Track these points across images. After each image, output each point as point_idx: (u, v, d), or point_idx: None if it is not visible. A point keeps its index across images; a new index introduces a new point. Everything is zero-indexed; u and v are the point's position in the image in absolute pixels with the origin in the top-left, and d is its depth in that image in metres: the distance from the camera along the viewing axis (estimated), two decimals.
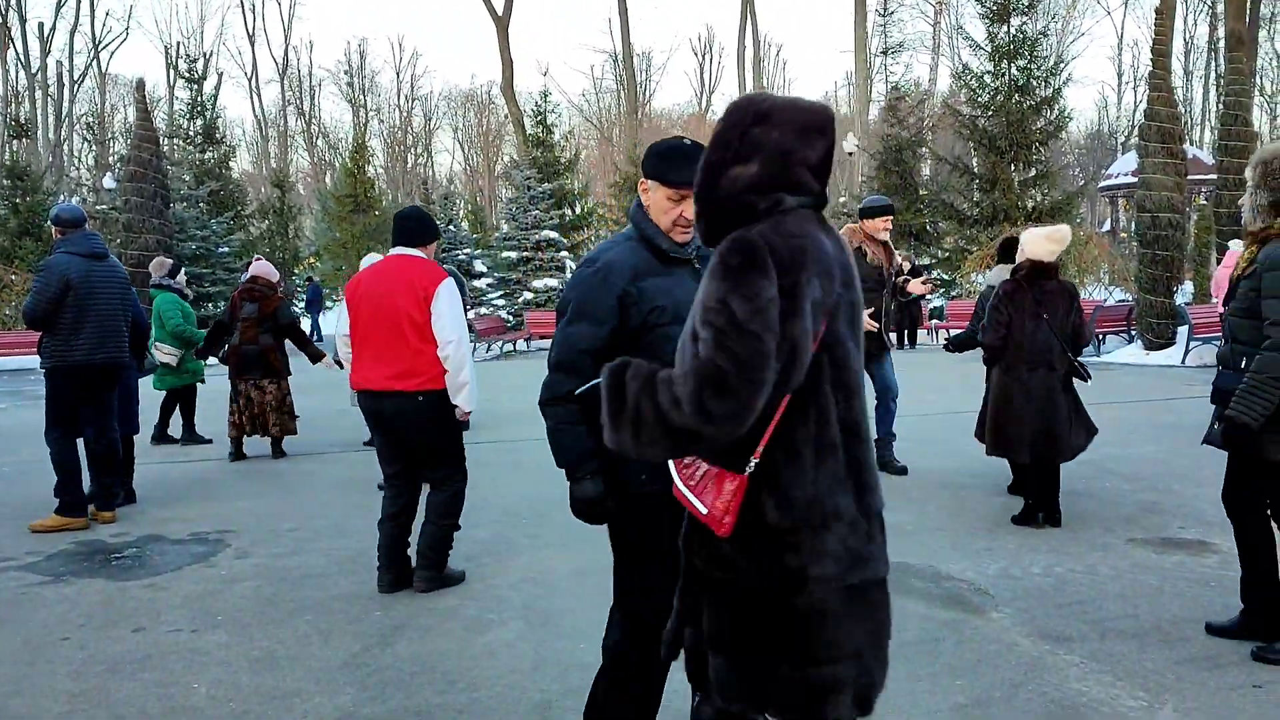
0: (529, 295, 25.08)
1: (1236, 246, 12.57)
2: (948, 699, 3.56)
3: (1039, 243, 5.87)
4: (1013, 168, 23.94)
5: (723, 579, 2.01)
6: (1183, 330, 16.36)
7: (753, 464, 1.97)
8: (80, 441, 6.48)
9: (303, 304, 28.65)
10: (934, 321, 21.71)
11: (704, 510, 1.99)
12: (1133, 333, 17.92)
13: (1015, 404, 5.87)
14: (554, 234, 26.14)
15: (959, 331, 8.51)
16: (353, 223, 35.48)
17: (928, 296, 23.95)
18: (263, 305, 8.81)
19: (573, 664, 3.90)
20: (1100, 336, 17.69)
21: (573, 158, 33.80)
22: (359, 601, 4.81)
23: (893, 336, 8.49)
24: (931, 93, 43.09)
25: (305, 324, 28.60)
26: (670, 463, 2.08)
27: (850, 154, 33.74)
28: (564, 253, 26.29)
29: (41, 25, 54.61)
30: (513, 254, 25.84)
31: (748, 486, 1.97)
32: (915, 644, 4.05)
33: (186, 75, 32.23)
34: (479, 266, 26.99)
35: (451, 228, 30.06)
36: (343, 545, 5.85)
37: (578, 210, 33.36)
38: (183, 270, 9.68)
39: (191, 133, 31.45)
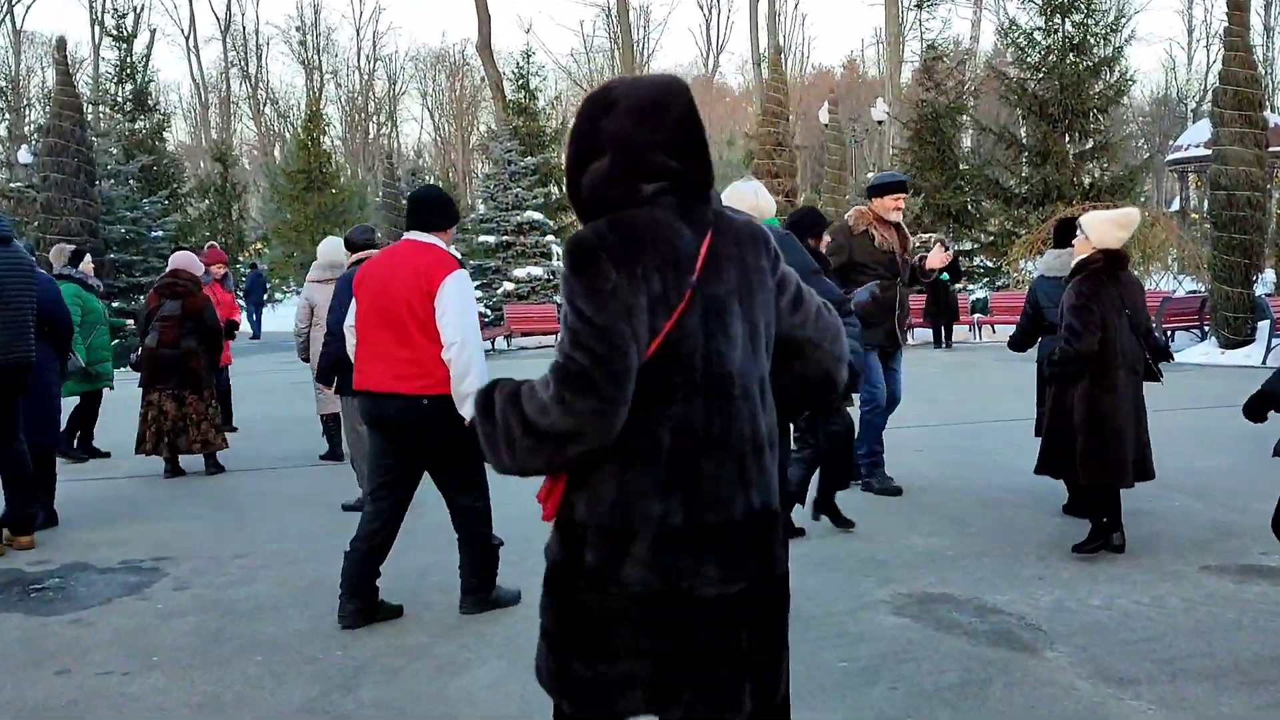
0: (509, 286, 25.07)
1: None
2: None
3: (1106, 229, 5.85)
4: (1067, 139, 24.00)
5: (547, 566, 2.34)
6: (1263, 326, 16.39)
7: None
8: None
9: (242, 293, 28.61)
10: (976, 316, 21.75)
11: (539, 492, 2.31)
12: (1205, 328, 17.96)
13: (1114, 419, 5.70)
14: (538, 215, 26.17)
15: (1009, 327, 8.50)
16: (305, 202, 35.52)
17: (968, 286, 24.04)
18: (186, 303, 8.78)
19: None
20: (1168, 333, 17.67)
21: (560, 127, 33.83)
22: (317, 639, 4.81)
23: (915, 333, 8.53)
24: (973, 52, 43.18)
25: (241, 317, 28.60)
26: None
27: (880, 123, 33.81)
28: (549, 237, 26.31)
29: None
30: (490, 239, 25.86)
31: (567, 478, 2.24)
32: (958, 687, 4.06)
33: (114, 33, 32.30)
34: (451, 253, 27.03)
35: None
36: (298, 573, 5.85)
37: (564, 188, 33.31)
38: (87, 257, 9.53)
39: (120, 99, 31.46)
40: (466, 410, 4.65)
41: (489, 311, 24.44)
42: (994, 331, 21.24)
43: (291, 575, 5.84)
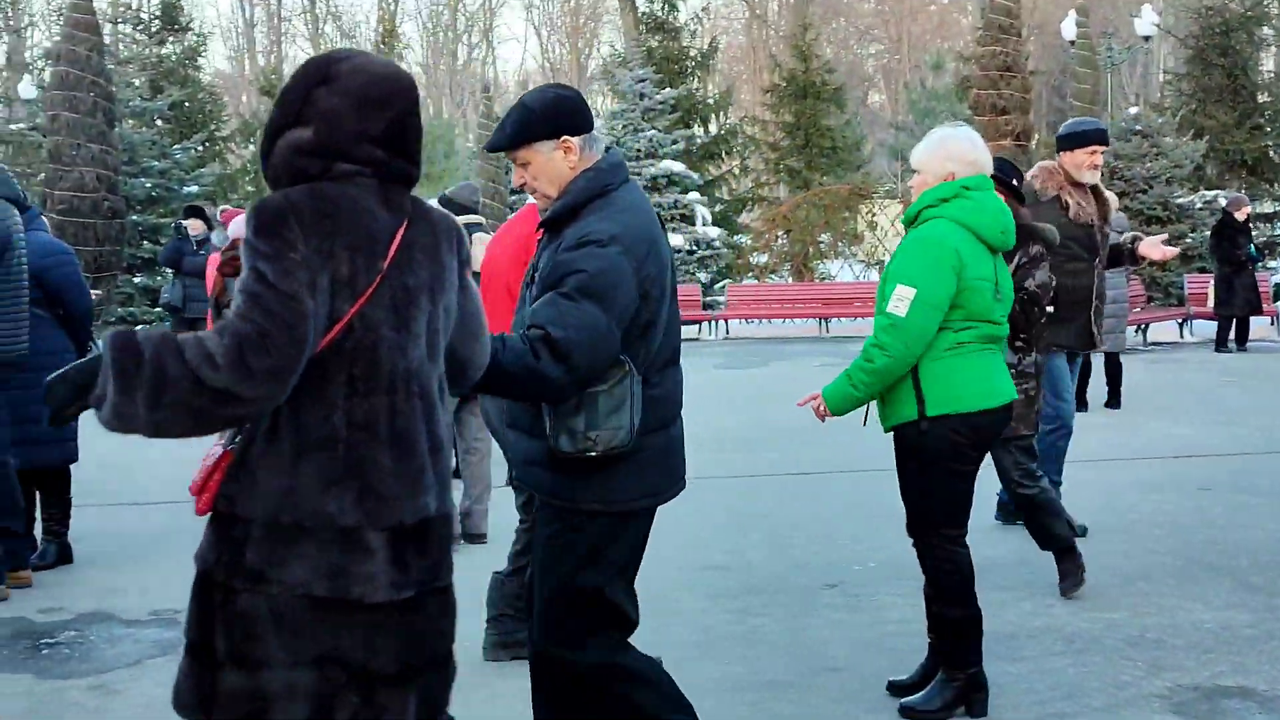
0: None
1: None
2: None
3: None
4: None
5: (198, 571, 2.76)
6: None
7: (236, 440, 2.70)
8: None
9: None
10: None
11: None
12: None
13: None
14: (679, 166, 26.25)
15: None
16: None
17: (1268, 264, 23.23)
18: None
19: None
20: None
21: (708, 49, 33.92)
22: None
23: (1194, 327, 8.43)
24: None
25: None
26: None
27: (1146, 39, 32.94)
28: (693, 195, 26.38)
29: None
30: None
31: (226, 466, 2.70)
32: None
33: None
34: None
35: None
36: None
37: (714, 129, 33.40)
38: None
39: (145, 16, 32.51)
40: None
41: None
42: None
43: None
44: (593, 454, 3.49)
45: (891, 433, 4.89)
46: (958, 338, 4.72)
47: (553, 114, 3.65)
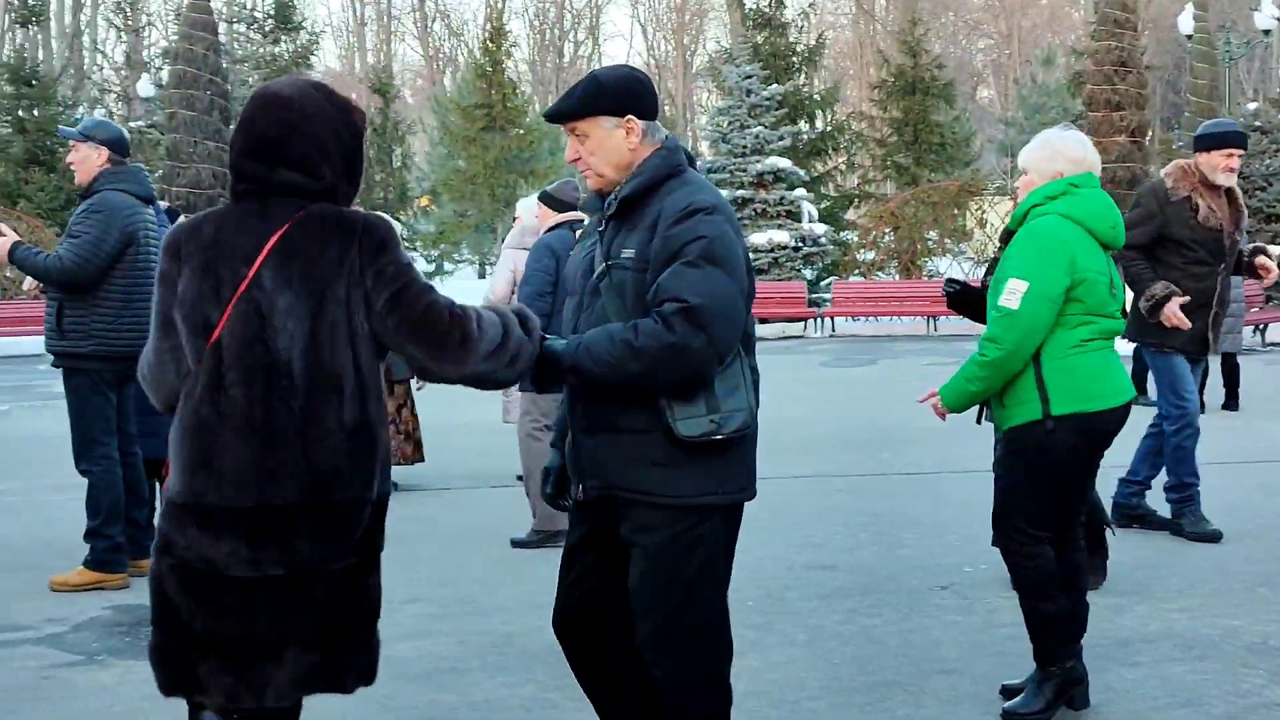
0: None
1: None
2: None
3: None
4: None
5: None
6: None
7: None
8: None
9: None
10: None
11: None
12: None
13: None
14: (785, 162, 26.16)
15: None
16: (484, 146, 36.51)
17: None
18: None
19: None
20: None
21: (815, 45, 33.76)
22: (511, 711, 4.97)
23: (1247, 332, 8.29)
24: None
25: None
26: None
27: (1266, 33, 32.16)
28: (799, 191, 26.27)
29: None
30: (722, 192, 26.03)
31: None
32: None
33: None
34: None
35: None
36: (484, 628, 6.06)
37: (821, 125, 33.24)
38: None
39: (259, 15, 33.12)
40: None
41: None
42: None
43: (474, 630, 6.04)
44: (719, 437, 3.41)
45: (1004, 434, 4.85)
46: (1080, 334, 4.70)
47: (623, 91, 3.58)
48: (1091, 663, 4.91)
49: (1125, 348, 6.29)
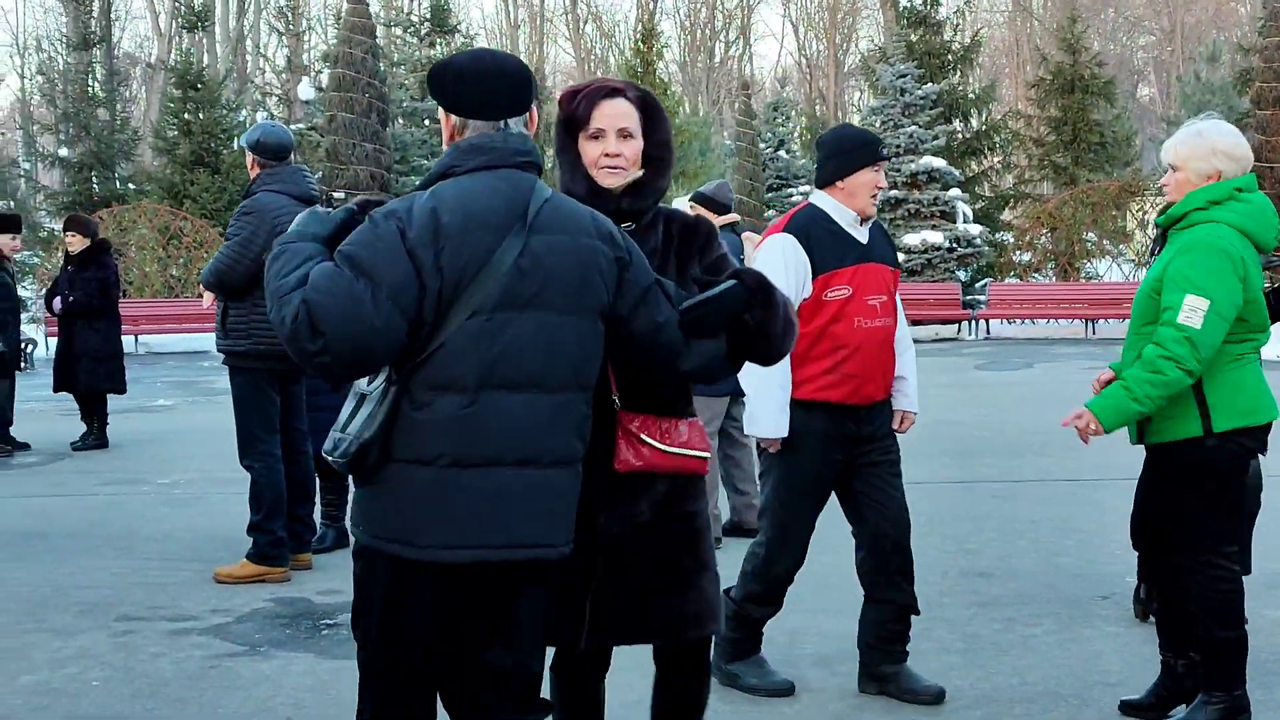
0: (899, 256, 25.01)
1: None
2: None
3: None
4: None
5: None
6: None
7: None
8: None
9: None
10: None
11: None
12: None
13: None
14: (940, 162, 25.87)
15: None
16: None
17: None
18: None
19: None
20: None
21: (971, 44, 33.28)
22: None
23: None
24: None
25: None
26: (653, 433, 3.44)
27: None
28: (954, 191, 25.94)
29: None
30: None
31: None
32: None
33: None
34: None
35: (783, 154, 30.49)
36: None
37: (976, 125, 32.78)
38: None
39: (416, 19, 33.71)
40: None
41: None
42: None
43: None
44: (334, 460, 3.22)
45: (1153, 449, 4.68)
46: (1240, 349, 4.55)
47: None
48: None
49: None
